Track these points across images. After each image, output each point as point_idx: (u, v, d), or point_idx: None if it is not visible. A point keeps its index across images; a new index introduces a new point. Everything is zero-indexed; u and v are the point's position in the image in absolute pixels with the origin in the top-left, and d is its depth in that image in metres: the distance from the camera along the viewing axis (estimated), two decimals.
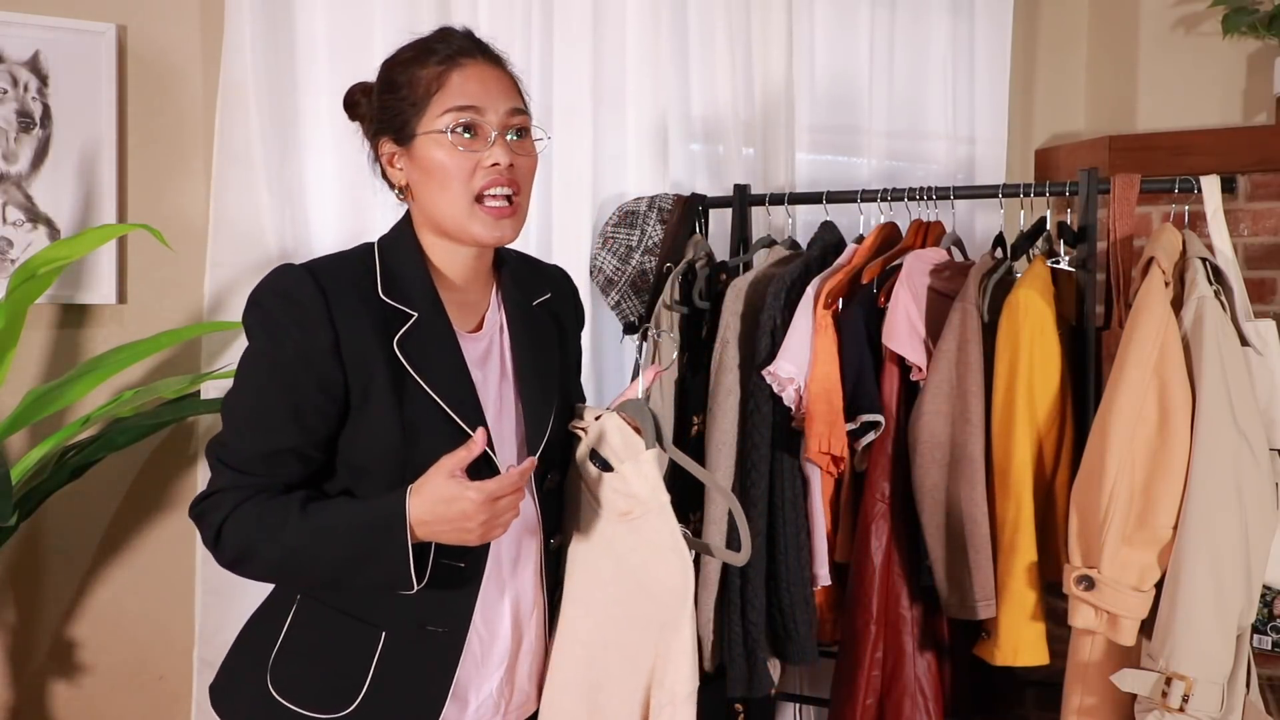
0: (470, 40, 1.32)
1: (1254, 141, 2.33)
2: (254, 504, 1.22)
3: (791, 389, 2.00)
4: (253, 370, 1.25)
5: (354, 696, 1.26)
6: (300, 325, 1.21)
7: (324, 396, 1.22)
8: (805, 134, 2.64)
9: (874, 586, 1.97)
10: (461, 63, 1.28)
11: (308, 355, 1.21)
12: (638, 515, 1.33)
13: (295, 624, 1.31)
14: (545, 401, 1.35)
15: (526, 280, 1.42)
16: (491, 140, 1.26)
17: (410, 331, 1.26)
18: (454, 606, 1.28)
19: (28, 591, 2.23)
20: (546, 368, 1.37)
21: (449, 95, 1.26)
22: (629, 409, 1.36)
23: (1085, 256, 2.05)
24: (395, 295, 1.27)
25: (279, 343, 1.22)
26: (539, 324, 1.39)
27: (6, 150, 2.16)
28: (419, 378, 1.24)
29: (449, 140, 1.25)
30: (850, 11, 2.64)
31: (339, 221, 2.32)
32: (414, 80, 1.28)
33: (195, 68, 2.29)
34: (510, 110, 1.28)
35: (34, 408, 1.99)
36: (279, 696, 1.28)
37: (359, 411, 1.24)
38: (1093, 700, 1.78)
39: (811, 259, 2.16)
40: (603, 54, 2.43)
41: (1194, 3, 2.50)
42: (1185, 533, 1.67)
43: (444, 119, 1.25)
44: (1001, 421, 1.89)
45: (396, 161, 1.32)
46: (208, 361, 2.28)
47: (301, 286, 1.22)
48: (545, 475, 1.36)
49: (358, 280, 1.26)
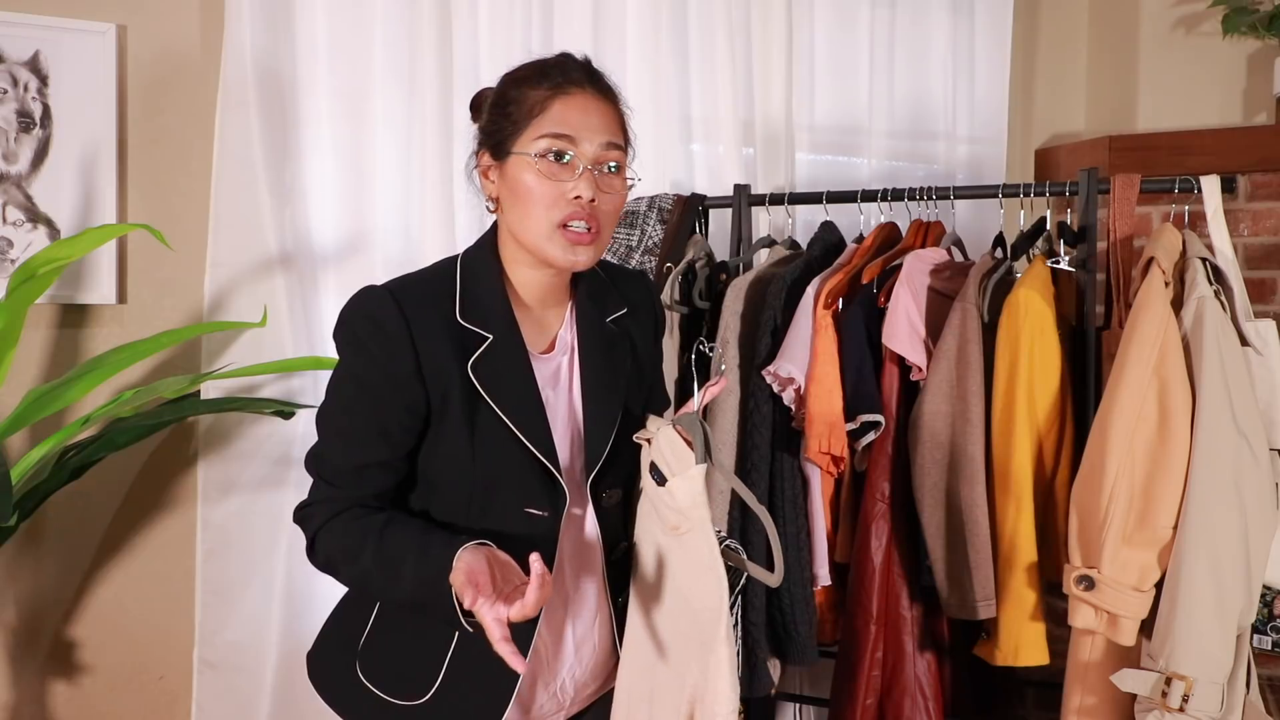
0: (585, 70, 1.33)
1: (1254, 141, 2.33)
2: (341, 521, 1.29)
3: (791, 389, 2.00)
4: (343, 388, 1.31)
5: (429, 688, 1.33)
6: (385, 350, 1.26)
7: (409, 414, 1.28)
8: (805, 134, 2.64)
9: (874, 586, 1.97)
10: (569, 91, 1.30)
11: (394, 378, 1.27)
12: (684, 530, 1.34)
13: (381, 615, 1.38)
14: (607, 420, 1.38)
15: (603, 296, 1.44)
16: (580, 172, 1.28)
17: (485, 354, 1.30)
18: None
19: (28, 591, 2.23)
20: (613, 386, 1.40)
21: (547, 121, 1.28)
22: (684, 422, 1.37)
23: (1085, 256, 2.05)
24: (472, 318, 1.31)
25: (366, 365, 1.28)
26: (610, 342, 1.42)
27: (6, 150, 2.16)
28: (490, 400, 1.29)
29: (538, 165, 1.28)
30: (850, 11, 2.64)
31: (339, 221, 2.32)
32: (522, 98, 1.30)
33: (195, 68, 2.29)
34: (605, 144, 1.30)
35: (34, 408, 1.99)
36: (365, 680, 1.36)
37: (436, 427, 1.29)
38: (1093, 700, 1.78)
39: (812, 259, 2.16)
40: (603, 54, 2.42)
41: (1194, 3, 2.50)
42: (1185, 533, 1.67)
43: (539, 144, 1.28)
44: (1001, 421, 1.89)
45: (491, 174, 1.35)
46: (208, 361, 2.28)
47: (385, 311, 1.27)
48: (603, 493, 1.38)
49: (439, 302, 1.31)
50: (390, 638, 1.37)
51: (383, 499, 1.32)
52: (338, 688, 1.40)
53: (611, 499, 1.40)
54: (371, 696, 1.36)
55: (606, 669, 1.45)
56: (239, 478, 2.30)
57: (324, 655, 1.44)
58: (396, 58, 2.34)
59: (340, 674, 1.39)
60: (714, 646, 1.31)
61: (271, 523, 2.29)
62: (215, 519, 2.30)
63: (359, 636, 1.38)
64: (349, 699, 1.38)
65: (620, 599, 1.43)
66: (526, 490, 1.31)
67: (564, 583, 1.38)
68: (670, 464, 1.35)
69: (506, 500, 1.31)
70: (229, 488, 2.30)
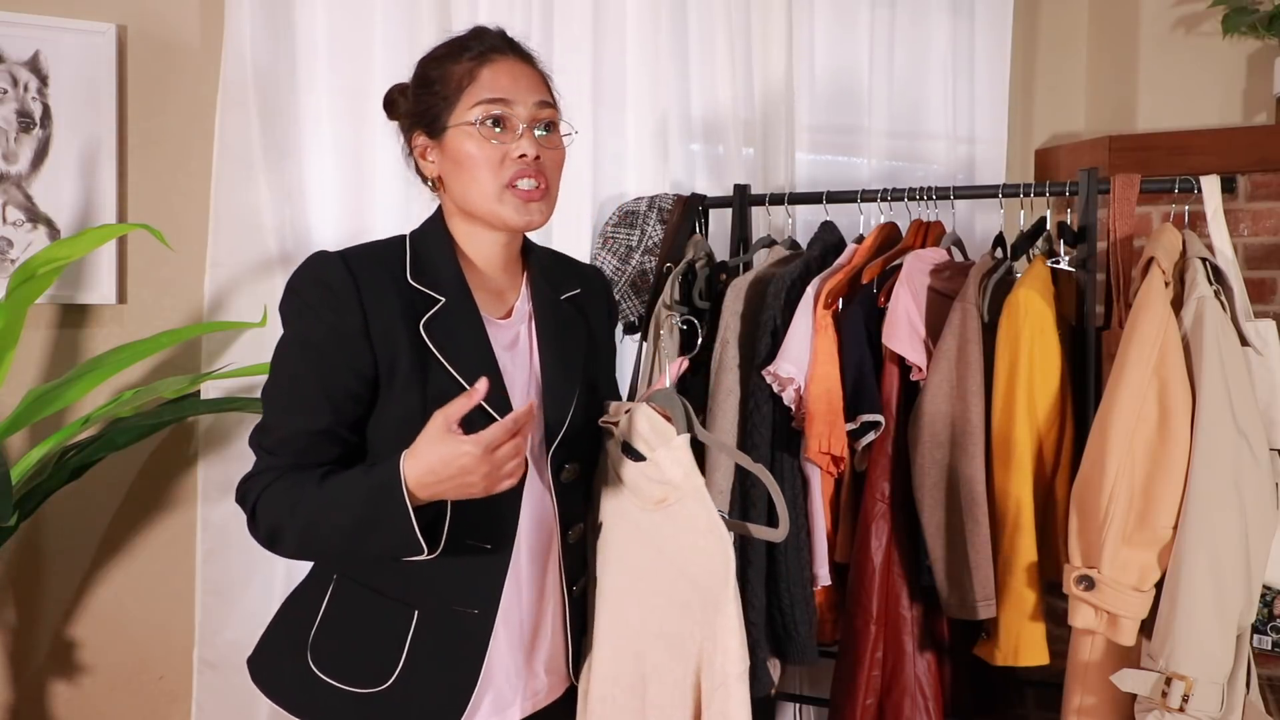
0: (502, 38, 1.36)
1: (1254, 141, 2.33)
2: (282, 481, 1.26)
3: (791, 389, 2.00)
4: (288, 355, 1.29)
5: (390, 673, 1.30)
6: (332, 308, 1.25)
7: (355, 377, 1.26)
8: (805, 134, 2.64)
9: (874, 586, 1.97)
10: (492, 58, 1.32)
11: (339, 337, 1.25)
12: (673, 501, 1.34)
13: (333, 602, 1.35)
14: (567, 389, 1.37)
15: (555, 274, 1.45)
16: (520, 132, 1.30)
17: (437, 315, 1.29)
18: (481, 588, 1.31)
19: (28, 591, 2.23)
20: (571, 357, 1.40)
21: (479, 89, 1.30)
22: (658, 398, 1.38)
23: (1085, 256, 2.05)
24: (423, 280, 1.31)
25: (311, 326, 1.26)
26: (566, 316, 1.42)
27: (6, 150, 2.16)
28: (444, 359, 1.27)
29: (478, 132, 1.29)
30: (850, 11, 2.64)
31: (339, 221, 2.32)
32: (447, 75, 1.33)
33: (195, 68, 2.29)
34: (538, 103, 1.32)
35: (34, 408, 1.99)
36: (319, 671, 1.33)
37: (385, 393, 1.27)
38: (1093, 700, 1.78)
39: (811, 259, 2.16)
40: (603, 54, 2.43)
41: (1194, 3, 2.50)
42: (1185, 533, 1.67)
43: (474, 111, 1.30)
44: (1001, 421, 1.89)
45: (429, 154, 1.36)
46: (208, 361, 2.28)
47: (333, 271, 1.26)
48: (563, 466, 1.37)
49: (389, 265, 1.30)
50: (345, 624, 1.33)
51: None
52: (289, 685, 1.36)
53: (570, 474, 1.38)
54: (327, 689, 1.32)
55: (559, 664, 1.43)
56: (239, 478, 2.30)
57: (270, 654, 1.40)
58: (396, 57, 2.33)
59: (291, 670, 1.35)
60: (721, 607, 1.31)
61: None
62: (215, 519, 2.29)
63: (309, 628, 1.34)
64: (302, 696, 1.34)
65: (574, 588, 1.41)
66: None
67: (520, 562, 1.35)
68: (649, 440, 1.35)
69: None
70: (229, 488, 2.28)
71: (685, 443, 1.34)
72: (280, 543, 1.27)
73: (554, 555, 1.39)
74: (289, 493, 1.25)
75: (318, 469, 1.26)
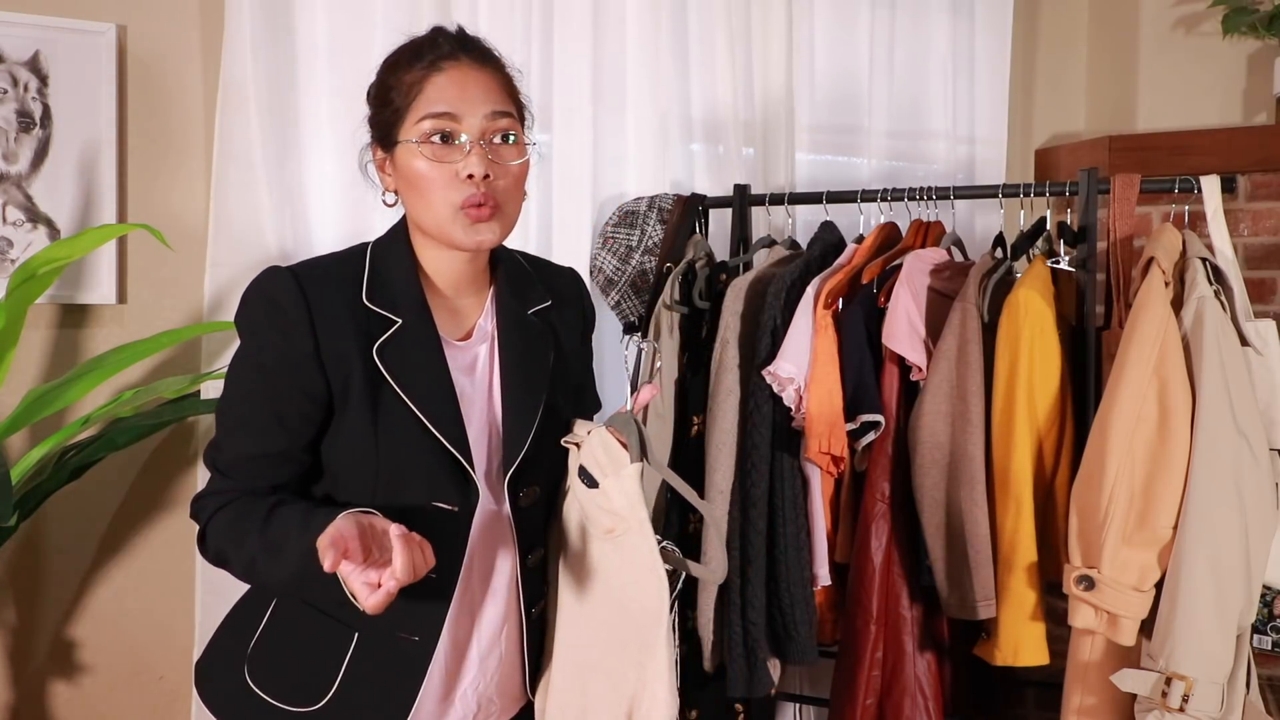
0: (456, 42, 1.28)
1: (1254, 141, 2.33)
2: (232, 509, 1.23)
3: (791, 389, 1.99)
4: (240, 375, 1.26)
5: (324, 694, 1.27)
6: (282, 332, 1.21)
7: (307, 401, 1.22)
8: (805, 134, 2.64)
9: (874, 586, 1.97)
10: (442, 67, 1.25)
11: (290, 362, 1.21)
12: (620, 533, 1.28)
13: (274, 617, 1.32)
14: (527, 414, 1.31)
15: (524, 287, 1.39)
16: (468, 149, 1.23)
17: (392, 339, 1.24)
18: (426, 616, 1.28)
19: (28, 591, 2.23)
20: (534, 379, 1.34)
21: (425, 102, 1.23)
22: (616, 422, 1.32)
23: (1085, 256, 2.05)
24: (380, 301, 1.25)
25: (262, 348, 1.22)
26: (532, 334, 1.36)
27: (6, 150, 2.16)
28: (397, 386, 1.22)
29: (424, 150, 1.23)
30: (850, 12, 2.64)
31: (339, 221, 2.32)
32: (399, 85, 1.26)
33: (195, 68, 2.29)
34: (489, 114, 1.24)
35: (34, 408, 1.99)
36: (254, 686, 1.30)
37: (339, 416, 1.23)
38: (1093, 700, 1.78)
39: (811, 259, 2.16)
40: (603, 54, 2.43)
41: (1194, 3, 2.50)
42: (1185, 533, 1.67)
43: (420, 126, 1.23)
44: (1001, 422, 1.89)
45: (386, 167, 1.31)
46: (208, 361, 2.28)
47: (285, 292, 1.21)
48: (520, 490, 1.32)
49: (344, 284, 1.25)
50: (283, 641, 1.30)
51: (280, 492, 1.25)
52: (224, 697, 1.33)
53: (529, 498, 1.33)
54: (261, 704, 1.29)
55: (513, 684, 1.39)
56: None
57: (211, 663, 1.38)
58: None
59: (228, 682, 1.32)
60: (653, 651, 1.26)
61: None
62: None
63: (248, 641, 1.32)
64: (237, 709, 1.31)
65: (534, 610, 1.37)
66: (434, 484, 1.24)
67: (471, 584, 1.30)
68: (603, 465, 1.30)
69: (415, 492, 1.24)
70: None
71: (635, 473, 1.27)
72: (228, 566, 1.26)
73: (510, 577, 1.34)
74: (235, 525, 1.22)
75: (269, 496, 1.23)
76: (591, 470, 1.31)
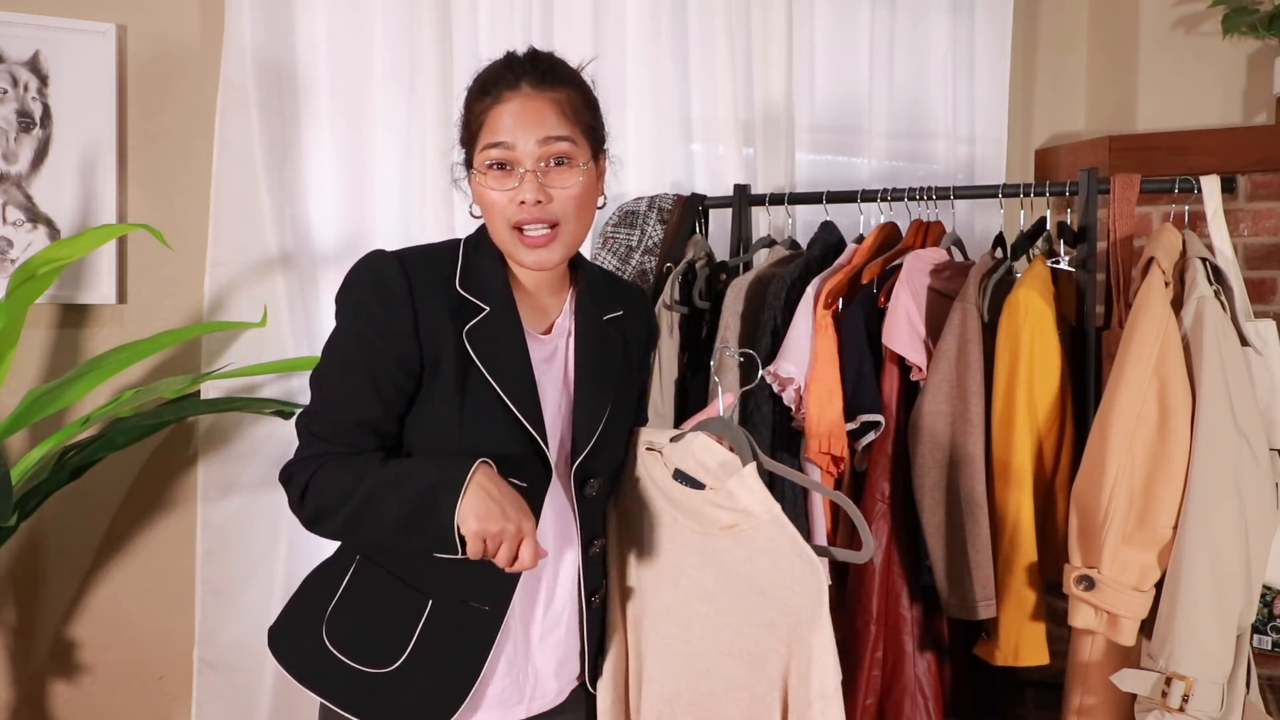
0: (523, 67, 1.34)
1: (1254, 141, 2.33)
2: (338, 460, 1.30)
3: (791, 389, 2.00)
4: (340, 345, 1.33)
5: (397, 656, 1.34)
6: (386, 307, 1.30)
7: (402, 373, 1.31)
8: (805, 134, 2.64)
9: (874, 586, 1.97)
10: (503, 98, 1.32)
11: (391, 335, 1.30)
12: (746, 528, 1.38)
13: (353, 582, 1.39)
14: (596, 408, 1.40)
15: (601, 294, 1.48)
16: (522, 176, 1.31)
17: (480, 324, 1.33)
18: (496, 587, 1.34)
19: (28, 591, 2.23)
20: (605, 377, 1.43)
21: (487, 132, 1.32)
22: (715, 427, 1.43)
23: (1085, 256, 2.05)
24: (471, 289, 1.35)
25: (366, 322, 1.31)
26: (606, 337, 1.45)
27: (6, 150, 2.16)
28: (483, 368, 1.31)
29: (486, 179, 1.33)
30: (850, 12, 2.64)
31: (339, 221, 2.32)
32: (470, 114, 1.36)
33: (195, 68, 2.29)
34: (542, 139, 1.31)
35: (34, 408, 1.99)
36: (331, 646, 1.37)
37: (427, 390, 1.32)
38: (1093, 700, 1.78)
39: (811, 259, 2.16)
40: (603, 54, 2.43)
41: (1194, 3, 2.50)
42: (1185, 533, 1.67)
43: (482, 156, 1.33)
44: (1001, 421, 1.89)
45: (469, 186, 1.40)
46: (208, 361, 2.28)
47: (390, 271, 1.31)
48: (587, 481, 1.40)
49: (440, 270, 1.35)
50: (361, 604, 1.37)
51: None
52: (301, 658, 1.40)
53: (594, 488, 1.42)
54: (337, 664, 1.36)
55: (569, 669, 1.46)
56: (239, 478, 2.30)
57: (289, 626, 1.44)
58: (396, 57, 2.34)
59: (305, 643, 1.39)
60: (816, 625, 1.35)
61: (271, 523, 2.29)
62: (215, 519, 2.30)
63: (328, 602, 1.39)
64: (313, 669, 1.38)
65: (594, 599, 1.45)
66: (511, 461, 1.31)
67: (539, 568, 1.38)
68: (712, 469, 1.40)
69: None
70: (229, 488, 2.30)
71: (754, 471, 1.39)
72: (324, 521, 1.30)
73: (573, 564, 1.42)
74: (348, 469, 1.28)
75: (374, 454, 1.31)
76: (693, 474, 1.41)
